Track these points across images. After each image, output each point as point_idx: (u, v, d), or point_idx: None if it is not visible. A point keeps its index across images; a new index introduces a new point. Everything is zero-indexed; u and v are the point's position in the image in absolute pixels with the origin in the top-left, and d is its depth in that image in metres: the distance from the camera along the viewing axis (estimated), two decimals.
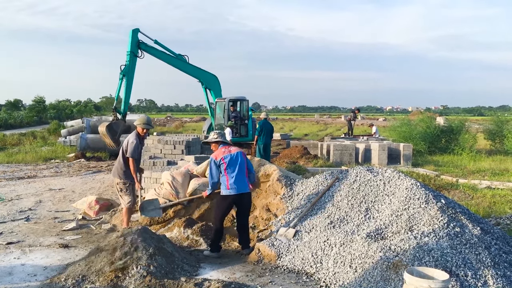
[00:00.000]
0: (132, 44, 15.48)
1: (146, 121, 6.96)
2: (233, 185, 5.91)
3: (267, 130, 14.05)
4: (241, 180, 5.95)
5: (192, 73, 17.56)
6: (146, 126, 6.91)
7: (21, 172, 13.66)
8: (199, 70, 17.66)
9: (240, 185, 5.93)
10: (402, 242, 5.00)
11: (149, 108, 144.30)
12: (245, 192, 5.99)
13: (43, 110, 54.75)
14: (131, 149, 6.69)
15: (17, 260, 5.78)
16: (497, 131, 20.88)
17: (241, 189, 5.94)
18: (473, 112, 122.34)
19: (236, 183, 5.91)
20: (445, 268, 4.53)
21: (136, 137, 6.80)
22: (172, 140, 11.06)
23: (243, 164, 6.04)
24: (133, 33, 15.56)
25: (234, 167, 5.96)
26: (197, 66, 17.62)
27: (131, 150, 6.69)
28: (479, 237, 5.13)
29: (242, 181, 5.96)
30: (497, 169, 14.10)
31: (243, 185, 5.96)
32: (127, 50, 15.45)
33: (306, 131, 37.33)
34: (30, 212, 8.53)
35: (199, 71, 17.68)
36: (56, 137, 25.23)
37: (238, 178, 5.93)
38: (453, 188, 10.50)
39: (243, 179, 5.99)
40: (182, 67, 17.19)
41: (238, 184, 5.92)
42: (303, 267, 5.33)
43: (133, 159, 6.70)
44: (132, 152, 6.69)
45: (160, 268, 5.06)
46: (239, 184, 5.93)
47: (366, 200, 6.09)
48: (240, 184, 5.93)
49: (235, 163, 5.98)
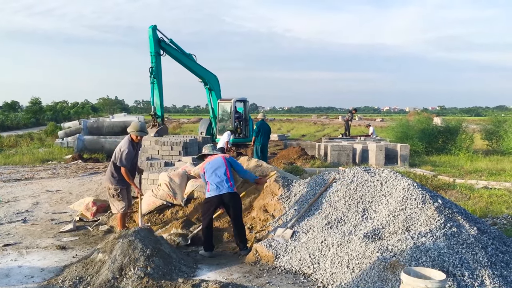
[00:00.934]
0: (155, 43, 14.83)
1: (140, 128, 6.68)
2: (212, 187, 6.08)
3: (265, 131, 14.07)
4: (220, 182, 6.07)
5: (200, 72, 17.30)
6: (140, 133, 6.70)
7: (18, 173, 13.63)
8: (205, 70, 17.46)
9: (219, 187, 6.04)
10: (399, 242, 5.01)
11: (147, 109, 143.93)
12: (226, 192, 6.03)
13: (40, 111, 54.67)
14: (122, 158, 6.49)
15: (14, 262, 5.77)
16: (495, 130, 20.93)
17: (221, 190, 6.03)
18: (470, 112, 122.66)
19: (216, 185, 6.06)
20: (442, 268, 4.53)
21: (129, 145, 6.58)
22: (169, 141, 11.05)
23: (222, 167, 6.21)
24: (153, 31, 14.85)
25: (212, 171, 6.18)
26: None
27: (121, 159, 6.49)
28: (476, 237, 5.15)
29: (221, 182, 6.07)
30: (494, 169, 14.14)
31: (222, 186, 6.05)
32: (150, 51, 14.83)
33: (304, 132, 37.35)
34: (27, 213, 8.51)
35: (205, 71, 17.48)
36: (53, 139, 25.19)
37: (217, 181, 6.08)
38: (450, 188, 10.53)
39: (222, 181, 6.08)
40: (193, 67, 16.86)
41: (217, 186, 6.05)
42: (301, 267, 5.33)
43: (124, 168, 6.52)
44: (123, 161, 6.48)
45: (157, 269, 5.05)
46: (218, 186, 6.05)
47: (363, 201, 6.10)
48: (219, 185, 6.05)
49: (213, 167, 6.22)
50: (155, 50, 14.83)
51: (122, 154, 6.52)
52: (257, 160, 8.02)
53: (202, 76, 17.46)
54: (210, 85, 17.86)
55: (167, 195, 7.29)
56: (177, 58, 16.08)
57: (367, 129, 24.35)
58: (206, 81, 17.73)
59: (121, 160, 6.52)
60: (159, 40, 15.08)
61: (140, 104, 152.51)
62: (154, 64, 14.88)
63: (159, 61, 14.99)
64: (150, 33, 14.86)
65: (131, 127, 6.75)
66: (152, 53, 14.83)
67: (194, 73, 17.10)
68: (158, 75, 15.00)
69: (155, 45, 14.86)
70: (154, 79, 14.89)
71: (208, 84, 17.80)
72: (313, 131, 39.14)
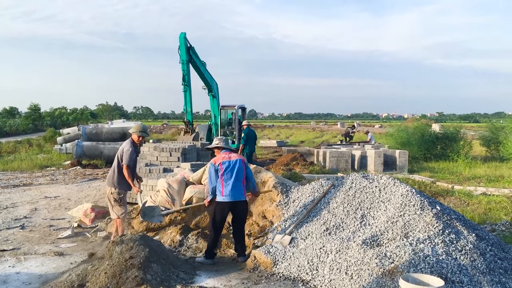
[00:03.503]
0: (186, 51, 14.92)
1: (142, 129, 6.86)
2: (228, 192, 5.89)
3: (252, 137, 14.23)
4: (237, 188, 5.93)
5: (209, 80, 17.42)
6: (142, 133, 6.81)
7: (16, 180, 13.60)
8: (212, 77, 17.64)
9: (235, 193, 5.91)
10: (397, 248, 5.01)
11: (146, 115, 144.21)
12: (239, 200, 5.96)
13: (39, 117, 54.68)
14: (126, 156, 6.58)
15: (12, 268, 5.76)
16: (492, 138, 20.97)
17: (236, 197, 5.92)
18: (468, 119, 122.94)
19: (232, 191, 5.89)
20: (440, 274, 4.53)
21: (131, 145, 6.70)
22: (168, 147, 11.06)
23: (240, 172, 6.00)
24: (184, 39, 14.91)
25: (231, 174, 5.94)
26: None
27: (126, 158, 6.58)
28: (474, 243, 5.15)
29: (237, 188, 5.93)
30: (493, 175, 14.15)
31: (238, 193, 5.93)
32: (182, 59, 14.90)
33: (302, 138, 37.39)
34: (25, 220, 8.49)
35: (212, 78, 17.66)
36: (52, 145, 25.18)
37: (234, 186, 5.91)
38: (448, 195, 10.53)
39: (239, 186, 5.96)
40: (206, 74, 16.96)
41: (233, 192, 5.90)
42: (299, 274, 5.32)
43: (127, 166, 6.58)
44: (128, 159, 6.57)
45: (155, 275, 5.04)
46: (234, 192, 5.90)
47: (361, 207, 6.10)
48: (235, 191, 5.91)
49: (232, 170, 5.96)
50: (187, 58, 14.93)
51: (126, 153, 6.60)
52: (256, 166, 8.03)
53: (209, 84, 17.59)
54: (214, 92, 17.99)
55: (166, 201, 7.29)
56: (197, 66, 16.19)
57: (366, 136, 24.39)
58: (211, 88, 17.88)
59: (126, 159, 6.59)
60: (189, 47, 15.20)
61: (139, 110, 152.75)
62: (185, 72, 15.02)
63: (189, 68, 15.15)
64: (182, 41, 14.94)
65: (133, 128, 6.90)
66: (184, 61, 14.95)
67: (204, 80, 17.21)
68: (189, 82, 15.18)
69: (187, 53, 14.97)
70: (187, 87, 15.06)
71: (212, 91, 17.94)
72: (312, 137, 39.18)
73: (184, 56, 14.89)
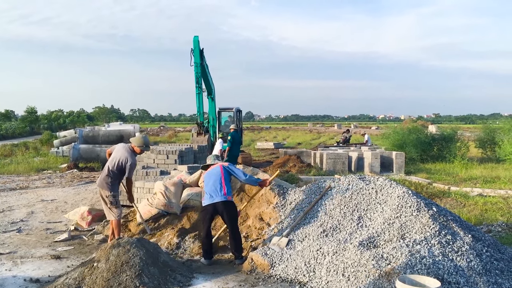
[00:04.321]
0: (200, 54, 15.02)
1: (145, 143, 6.91)
2: (206, 196, 6.17)
3: (237, 141, 14.41)
4: (214, 191, 6.13)
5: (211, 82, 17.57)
6: (146, 148, 7.00)
7: (13, 183, 13.57)
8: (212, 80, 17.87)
9: (212, 195, 6.11)
10: (394, 250, 5.02)
11: (142, 117, 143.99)
12: (219, 201, 6.06)
13: (35, 120, 54.53)
14: (130, 169, 6.73)
15: (8, 272, 5.74)
16: (488, 139, 21.04)
17: (214, 198, 6.08)
18: (465, 120, 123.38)
19: (210, 194, 6.14)
20: (437, 275, 4.55)
21: (134, 157, 6.81)
22: (165, 149, 11.05)
23: (217, 175, 6.27)
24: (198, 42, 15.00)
25: (209, 179, 6.28)
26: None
27: (130, 171, 6.74)
28: (470, 244, 5.17)
29: (215, 191, 6.12)
30: (489, 176, 14.21)
31: (216, 194, 6.10)
32: (196, 62, 14.97)
33: (299, 140, 37.41)
34: (22, 223, 8.47)
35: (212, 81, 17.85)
36: (49, 148, 25.14)
37: (212, 189, 6.15)
38: (445, 196, 10.56)
39: (218, 189, 6.13)
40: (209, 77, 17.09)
41: (211, 194, 6.12)
42: (296, 276, 5.33)
43: (130, 179, 6.81)
44: (132, 173, 6.79)
45: (153, 278, 5.04)
46: (212, 194, 6.12)
47: (358, 209, 6.12)
48: (213, 194, 6.11)
49: (210, 176, 6.33)
50: (201, 61, 15.03)
51: (131, 166, 6.73)
52: (253, 168, 8.04)
53: (210, 86, 17.68)
54: (213, 94, 18.10)
55: (163, 203, 7.28)
56: (205, 69, 16.29)
57: (363, 137, 24.44)
58: (211, 91, 17.96)
59: (130, 172, 6.76)
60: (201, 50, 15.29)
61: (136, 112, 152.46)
62: (199, 74, 15.11)
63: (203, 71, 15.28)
64: (196, 44, 15.03)
65: (137, 141, 6.89)
66: (198, 63, 15.03)
67: (207, 83, 17.26)
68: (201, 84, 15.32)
69: (200, 56, 15.06)
70: (200, 89, 15.19)
71: (212, 93, 18.03)
72: (309, 139, 39.22)
73: (198, 59, 15.00)
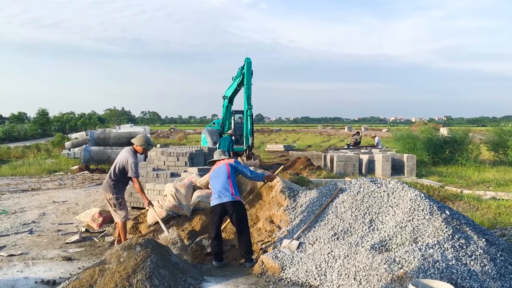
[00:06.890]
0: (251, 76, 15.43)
1: (146, 142, 6.97)
2: (215, 196, 6.14)
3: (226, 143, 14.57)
4: (223, 191, 6.10)
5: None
6: (148, 146, 7.02)
7: (25, 184, 13.70)
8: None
9: (221, 195, 6.07)
10: (406, 254, 4.96)
11: (153, 120, 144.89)
12: (228, 201, 6.03)
13: (47, 122, 55.07)
14: (134, 169, 6.71)
15: (20, 273, 5.77)
16: (500, 142, 20.79)
17: (223, 198, 6.05)
18: (477, 122, 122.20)
19: (218, 194, 6.10)
20: (450, 280, 4.49)
21: (135, 156, 6.84)
22: (175, 152, 11.08)
23: (224, 174, 6.25)
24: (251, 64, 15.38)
25: (217, 179, 6.25)
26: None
27: (134, 170, 6.72)
28: (484, 248, 5.09)
29: (223, 191, 6.09)
30: (502, 179, 14.04)
31: (224, 195, 6.07)
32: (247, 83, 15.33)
33: (310, 142, 37.33)
34: (33, 224, 8.53)
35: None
36: (60, 150, 25.35)
37: (220, 189, 6.13)
38: (457, 199, 10.45)
39: (225, 189, 6.11)
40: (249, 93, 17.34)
41: (220, 194, 6.09)
42: (307, 279, 5.29)
43: (137, 179, 6.77)
44: (136, 171, 6.74)
45: (163, 280, 5.03)
46: (221, 194, 6.09)
47: (370, 212, 6.06)
48: (221, 194, 6.08)
49: (218, 175, 6.30)
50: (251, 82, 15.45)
51: (134, 165, 6.72)
52: (263, 171, 8.02)
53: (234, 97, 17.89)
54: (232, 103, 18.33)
55: (173, 205, 7.29)
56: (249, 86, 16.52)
57: (373, 140, 24.30)
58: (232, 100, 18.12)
59: (136, 172, 6.75)
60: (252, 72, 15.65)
61: (147, 114, 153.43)
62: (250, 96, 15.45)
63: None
64: (249, 66, 15.39)
65: (138, 140, 6.97)
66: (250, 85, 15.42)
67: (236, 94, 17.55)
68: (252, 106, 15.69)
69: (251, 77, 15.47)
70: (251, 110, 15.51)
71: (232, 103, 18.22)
72: (319, 141, 39.12)
73: (250, 80, 15.38)
